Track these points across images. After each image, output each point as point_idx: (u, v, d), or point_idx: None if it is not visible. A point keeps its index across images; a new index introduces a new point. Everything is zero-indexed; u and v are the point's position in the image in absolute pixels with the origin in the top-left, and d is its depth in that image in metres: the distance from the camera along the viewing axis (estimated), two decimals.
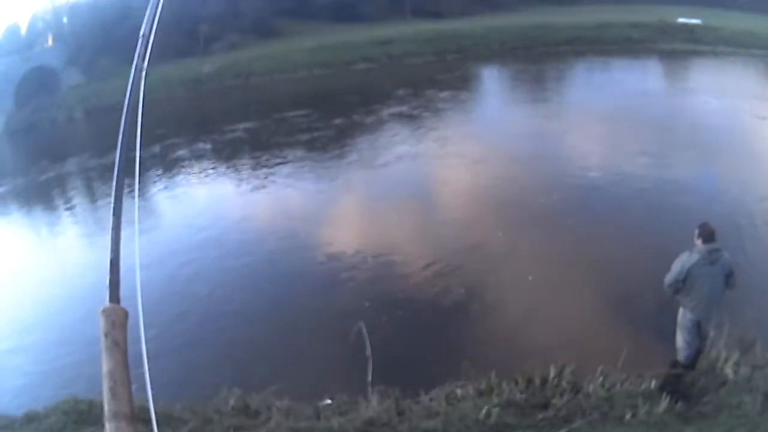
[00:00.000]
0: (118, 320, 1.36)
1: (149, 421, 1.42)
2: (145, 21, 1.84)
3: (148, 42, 1.83)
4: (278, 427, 5.00)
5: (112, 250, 1.46)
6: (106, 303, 1.38)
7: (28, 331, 10.03)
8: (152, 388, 1.52)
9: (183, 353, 8.33)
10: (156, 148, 20.44)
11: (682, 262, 5.85)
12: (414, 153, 16.90)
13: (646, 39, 28.98)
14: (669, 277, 5.95)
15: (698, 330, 6.04)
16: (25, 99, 30.20)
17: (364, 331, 6.19)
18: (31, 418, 5.78)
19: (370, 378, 5.86)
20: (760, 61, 24.51)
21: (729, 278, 5.85)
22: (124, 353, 1.33)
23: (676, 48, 27.74)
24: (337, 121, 21.54)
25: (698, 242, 5.82)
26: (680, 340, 6.11)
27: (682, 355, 6.12)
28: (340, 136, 19.94)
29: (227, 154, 20.11)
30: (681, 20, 29.99)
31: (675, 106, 19.01)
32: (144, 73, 1.78)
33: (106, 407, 1.26)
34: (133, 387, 1.33)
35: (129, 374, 1.32)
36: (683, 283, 5.87)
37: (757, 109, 17.35)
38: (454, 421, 5.03)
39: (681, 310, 6.09)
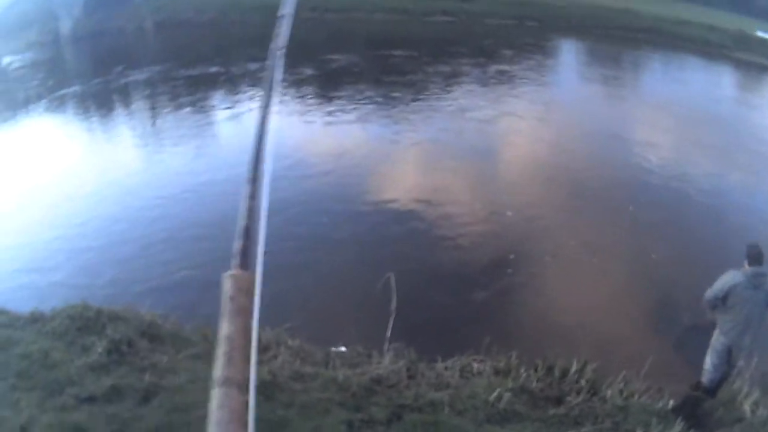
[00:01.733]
0: (245, 286, 1.26)
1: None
2: None
3: None
4: (282, 368, 4.54)
5: (245, 217, 1.35)
6: (234, 269, 1.28)
7: None
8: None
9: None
10: (251, 66, 18.79)
11: (725, 280, 5.23)
12: (521, 113, 15.63)
13: (724, 45, 26.26)
14: (709, 293, 5.36)
15: (728, 355, 5.43)
16: (95, 6, 28.46)
17: (393, 283, 5.63)
18: (36, 318, 5.35)
19: (389, 333, 5.36)
20: None
21: None
22: (248, 320, 1.22)
23: (752, 60, 25.13)
24: (445, 68, 19.97)
25: (745, 263, 5.19)
26: (708, 362, 5.52)
27: (706, 377, 5.53)
28: (449, 83, 18.39)
29: (333, 84, 18.44)
30: (759, 33, 27.15)
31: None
32: None
33: (218, 371, 1.14)
34: None
35: (250, 343, 1.18)
36: (722, 301, 5.26)
37: None
38: (463, 398, 4.49)
39: (716, 332, 5.47)
